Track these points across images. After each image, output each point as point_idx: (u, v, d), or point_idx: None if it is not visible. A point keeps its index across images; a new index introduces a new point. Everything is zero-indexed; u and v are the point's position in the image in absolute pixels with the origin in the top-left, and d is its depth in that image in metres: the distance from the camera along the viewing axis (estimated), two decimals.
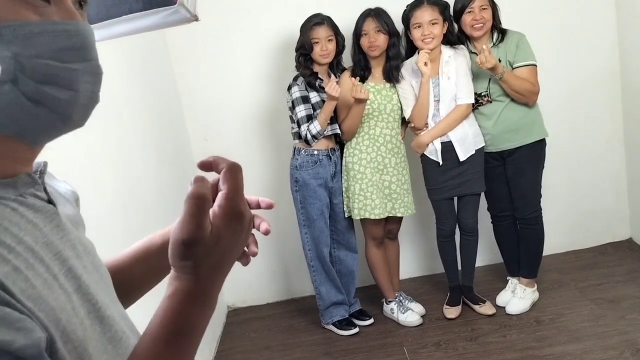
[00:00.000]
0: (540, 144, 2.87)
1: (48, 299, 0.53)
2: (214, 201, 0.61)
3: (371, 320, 3.12)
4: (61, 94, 0.56)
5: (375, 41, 2.79)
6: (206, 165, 0.64)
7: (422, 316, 3.07)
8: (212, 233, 0.58)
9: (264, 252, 3.44)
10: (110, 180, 1.97)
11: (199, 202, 0.57)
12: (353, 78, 2.76)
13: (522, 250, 3.01)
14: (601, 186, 3.51)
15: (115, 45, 2.10)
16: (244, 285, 3.48)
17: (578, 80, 3.37)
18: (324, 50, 2.81)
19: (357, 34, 2.84)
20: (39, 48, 0.54)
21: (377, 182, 2.91)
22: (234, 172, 0.61)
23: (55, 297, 0.54)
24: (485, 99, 2.84)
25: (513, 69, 2.76)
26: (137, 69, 2.58)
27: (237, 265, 0.64)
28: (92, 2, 1.01)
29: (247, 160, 3.37)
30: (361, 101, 2.76)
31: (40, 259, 0.56)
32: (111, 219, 1.87)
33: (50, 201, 0.63)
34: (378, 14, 2.80)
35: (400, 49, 2.87)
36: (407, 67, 2.88)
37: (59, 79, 0.56)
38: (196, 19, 1.07)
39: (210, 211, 0.59)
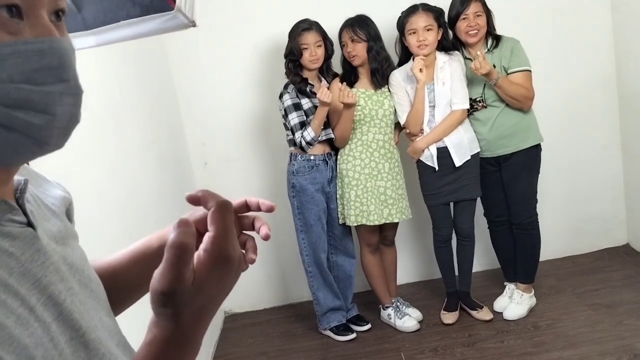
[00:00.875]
0: (536, 149, 2.88)
1: (21, 336, 0.51)
2: (201, 235, 0.58)
3: (368, 326, 3.12)
4: (36, 119, 0.52)
5: (352, 51, 2.82)
6: (194, 200, 0.62)
7: (420, 322, 3.07)
8: (195, 281, 0.55)
9: (261, 258, 3.43)
10: (109, 185, 1.97)
11: (179, 252, 0.54)
12: (340, 83, 2.77)
13: (519, 256, 3.01)
14: (598, 191, 3.51)
15: (113, 50, 2.11)
16: (241, 290, 3.42)
17: (574, 85, 3.37)
18: (313, 55, 2.82)
19: (340, 43, 2.88)
20: (9, 71, 0.51)
21: (372, 188, 2.91)
22: (222, 213, 0.58)
23: (29, 332, 0.52)
24: (480, 104, 2.85)
25: (508, 74, 2.77)
26: (135, 74, 2.58)
27: None
28: (90, 7, 1.01)
29: (244, 165, 3.39)
30: (350, 106, 2.77)
31: (15, 292, 0.53)
32: (109, 223, 1.87)
33: (30, 223, 0.60)
34: (352, 24, 2.82)
35: (380, 52, 2.84)
36: (402, 73, 2.88)
37: (33, 103, 0.52)
38: (194, 24, 1.07)
39: (196, 255, 0.56)
